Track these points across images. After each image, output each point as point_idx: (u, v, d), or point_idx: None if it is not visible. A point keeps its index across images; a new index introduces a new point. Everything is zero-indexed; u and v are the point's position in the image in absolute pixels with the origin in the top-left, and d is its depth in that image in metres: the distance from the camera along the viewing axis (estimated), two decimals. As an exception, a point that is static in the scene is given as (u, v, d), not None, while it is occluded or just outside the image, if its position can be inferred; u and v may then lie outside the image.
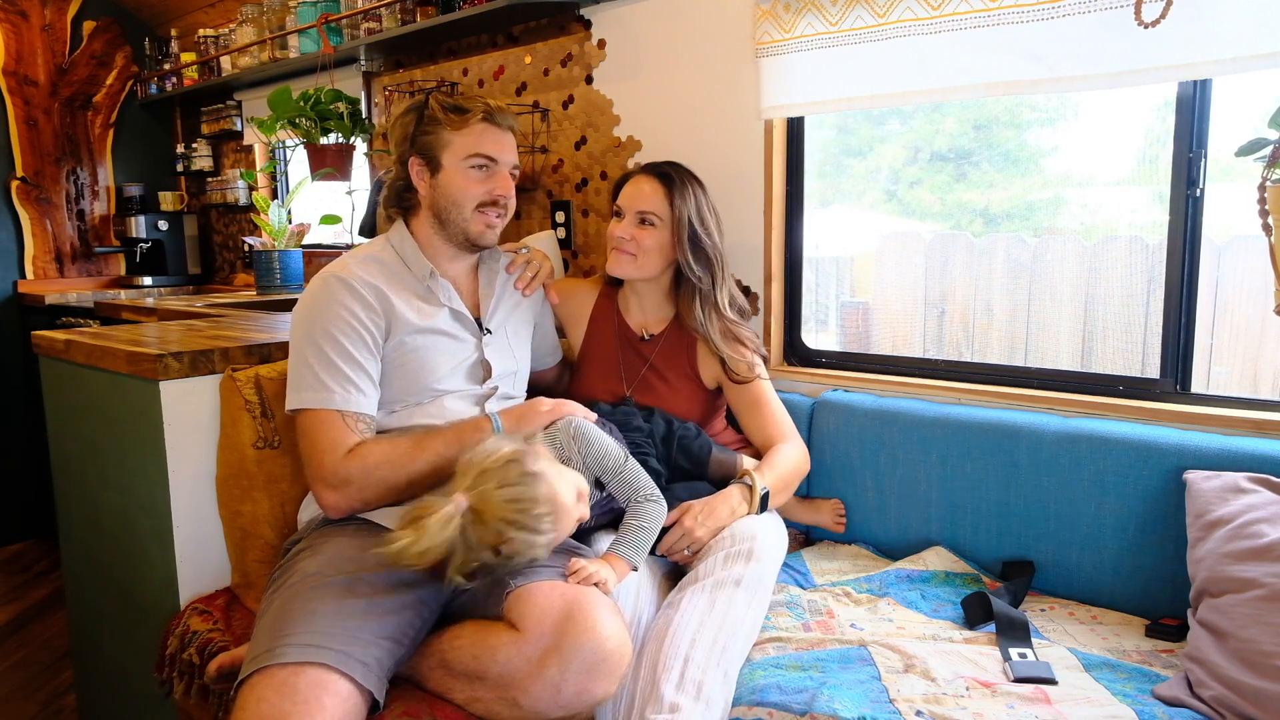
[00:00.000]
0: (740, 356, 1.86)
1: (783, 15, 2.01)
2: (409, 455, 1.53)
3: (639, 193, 1.85)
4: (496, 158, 1.67)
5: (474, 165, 1.66)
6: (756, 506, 1.69)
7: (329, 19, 2.96)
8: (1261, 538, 1.37)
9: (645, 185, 1.85)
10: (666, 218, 1.83)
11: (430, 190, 1.69)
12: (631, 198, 1.86)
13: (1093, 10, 1.60)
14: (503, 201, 1.69)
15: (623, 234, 1.84)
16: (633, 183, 1.88)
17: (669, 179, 1.85)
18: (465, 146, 1.65)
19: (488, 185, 1.67)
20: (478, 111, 1.65)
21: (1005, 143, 2.16)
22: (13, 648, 2.96)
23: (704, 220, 1.85)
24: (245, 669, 1.27)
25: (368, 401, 1.56)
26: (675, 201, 1.83)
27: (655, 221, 1.83)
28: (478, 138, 1.65)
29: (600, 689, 1.28)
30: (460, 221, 1.67)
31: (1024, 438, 1.74)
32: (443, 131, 1.65)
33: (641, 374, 1.91)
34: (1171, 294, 1.72)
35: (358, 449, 1.52)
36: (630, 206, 1.85)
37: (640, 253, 1.84)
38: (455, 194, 1.66)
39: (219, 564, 1.81)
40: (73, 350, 1.94)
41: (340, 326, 1.56)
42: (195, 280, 4.28)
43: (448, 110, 1.66)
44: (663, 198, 1.83)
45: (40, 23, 3.93)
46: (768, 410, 1.88)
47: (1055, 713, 1.27)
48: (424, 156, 1.68)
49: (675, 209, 1.83)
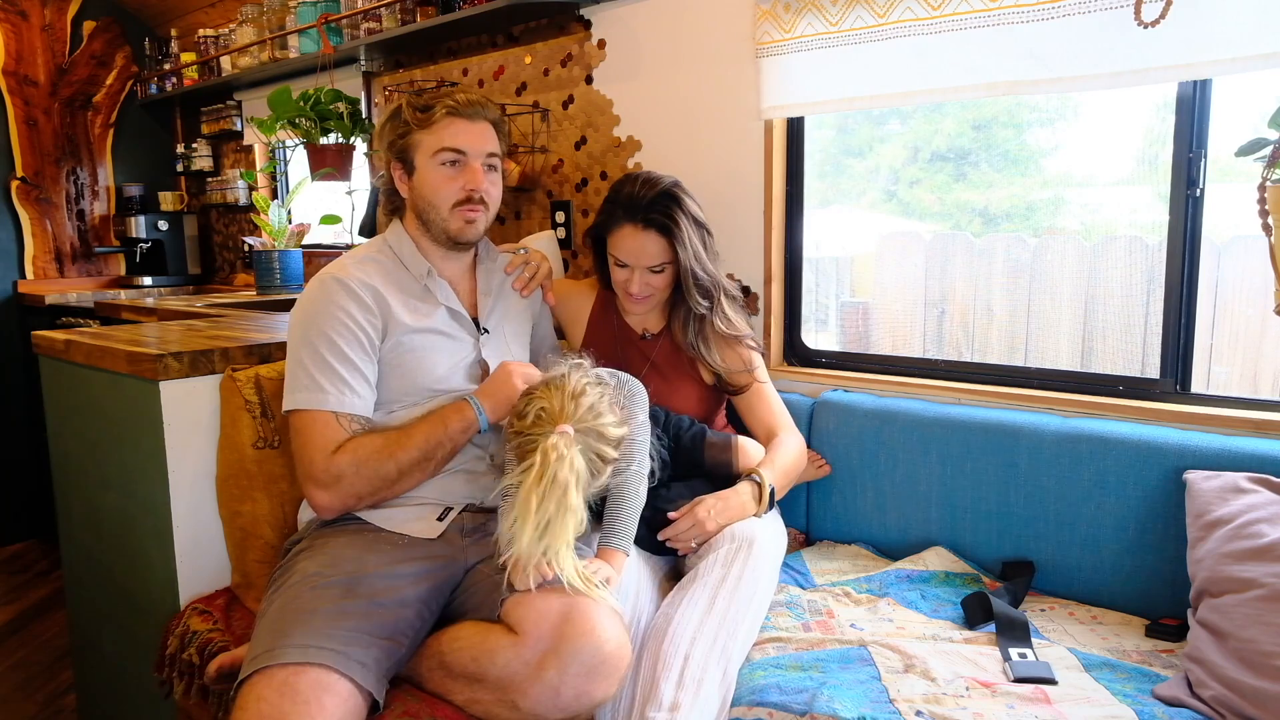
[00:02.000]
0: (737, 368, 1.87)
1: (783, 15, 2.01)
2: (397, 443, 1.52)
3: (643, 251, 1.79)
4: (465, 150, 1.63)
5: (443, 162, 1.63)
6: (766, 505, 1.70)
7: (329, 19, 2.96)
8: (1261, 538, 1.37)
9: (648, 243, 1.78)
10: (671, 260, 1.80)
11: (410, 193, 1.68)
12: (636, 254, 1.79)
13: (1093, 10, 1.60)
14: (476, 196, 1.65)
15: (638, 289, 1.81)
16: (632, 240, 1.79)
17: (668, 230, 1.77)
18: (432, 144, 1.63)
19: (459, 181, 1.63)
20: (441, 107, 1.62)
21: (1005, 143, 2.16)
22: (13, 648, 2.97)
23: (701, 256, 1.81)
24: (245, 669, 1.27)
25: (362, 403, 1.56)
26: (679, 251, 1.77)
27: (663, 267, 1.81)
28: (443, 133, 1.62)
29: (599, 691, 1.28)
30: (439, 221, 1.66)
31: (1024, 438, 1.74)
32: (413, 133, 1.64)
33: (643, 373, 1.91)
34: (1171, 294, 1.72)
35: (347, 444, 1.51)
36: (637, 264, 1.80)
37: (656, 293, 1.84)
38: (429, 194, 1.65)
39: (219, 564, 1.81)
40: (73, 350, 1.94)
41: (336, 328, 1.56)
42: (195, 280, 4.28)
43: (415, 109, 1.64)
44: (666, 248, 1.78)
45: (40, 23, 3.93)
46: (766, 404, 1.89)
47: (1055, 713, 1.27)
48: (401, 160, 1.68)
49: (680, 258, 1.78)
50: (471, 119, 1.64)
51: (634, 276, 1.81)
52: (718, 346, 1.87)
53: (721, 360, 1.86)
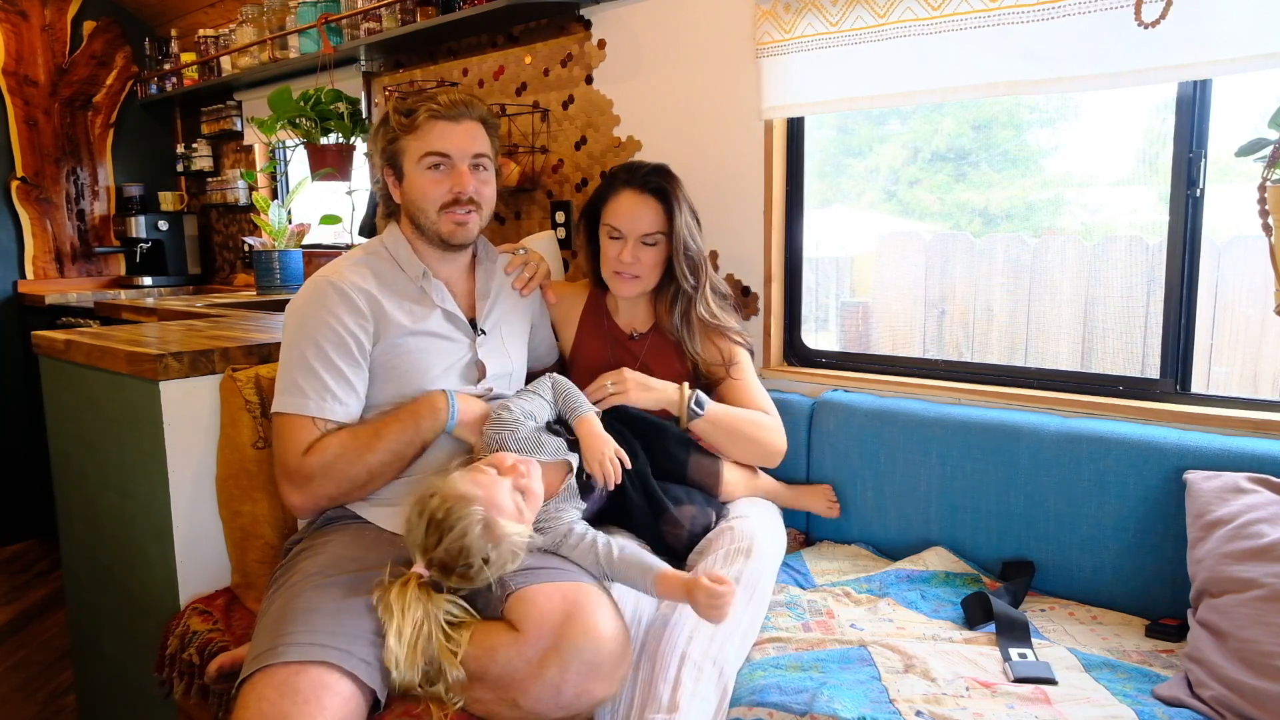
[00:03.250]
0: (714, 360, 1.88)
1: (783, 15, 2.01)
2: (366, 444, 1.53)
3: (641, 216, 1.81)
4: (449, 152, 1.62)
5: (429, 165, 1.63)
6: (685, 405, 1.75)
7: (329, 19, 2.96)
8: (1261, 538, 1.37)
9: (645, 209, 1.81)
10: (666, 234, 1.82)
11: (402, 198, 1.68)
12: (633, 220, 1.81)
13: (1093, 10, 1.60)
14: (464, 198, 1.64)
15: (630, 259, 1.81)
16: (629, 203, 1.82)
17: (665, 195, 1.81)
18: (418, 148, 1.63)
19: (445, 184, 1.63)
20: (424, 110, 1.61)
21: (1005, 143, 2.16)
22: (13, 648, 2.96)
23: (692, 229, 1.84)
24: (247, 668, 1.27)
25: (343, 409, 1.56)
26: (674, 219, 1.81)
27: (657, 240, 1.82)
28: (427, 136, 1.62)
29: (600, 690, 1.28)
30: (430, 225, 1.66)
31: (1024, 438, 1.74)
32: (400, 138, 1.64)
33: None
34: (1171, 294, 1.72)
35: (316, 444, 1.52)
36: (633, 230, 1.81)
37: (645, 273, 1.84)
38: (418, 199, 1.64)
39: (219, 564, 1.81)
40: (73, 350, 1.94)
41: (325, 334, 1.56)
42: (195, 280, 4.28)
43: (400, 114, 1.64)
44: (662, 217, 1.81)
45: (40, 23, 3.93)
46: (746, 392, 1.88)
47: (1055, 713, 1.27)
48: (391, 166, 1.68)
49: (674, 226, 1.81)
50: (456, 120, 1.63)
51: (627, 247, 1.81)
52: (701, 335, 1.88)
53: (701, 350, 1.88)
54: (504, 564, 1.34)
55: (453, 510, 1.32)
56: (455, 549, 1.30)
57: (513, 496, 1.38)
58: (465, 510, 1.31)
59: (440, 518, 1.31)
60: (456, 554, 1.30)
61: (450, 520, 1.31)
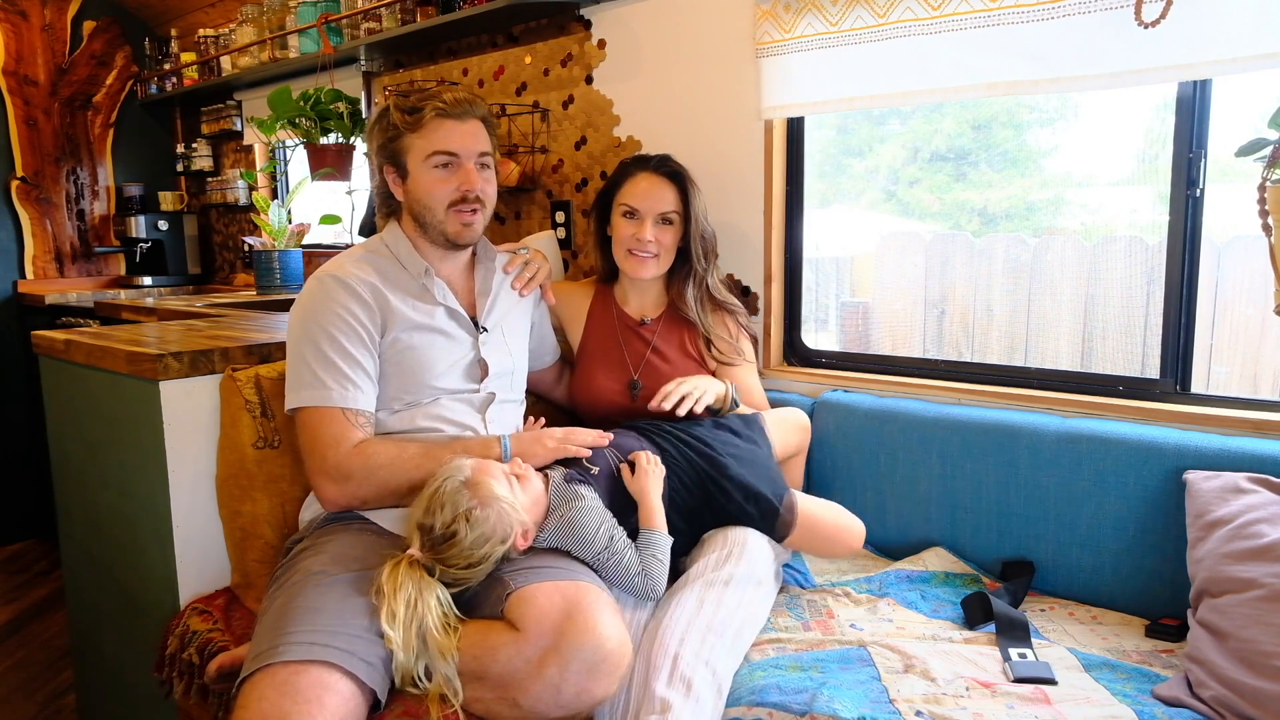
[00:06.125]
0: (724, 335, 1.97)
1: (783, 15, 2.01)
2: (414, 462, 1.53)
3: (660, 196, 1.89)
4: (457, 152, 1.63)
5: (436, 165, 1.63)
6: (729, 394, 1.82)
7: (329, 19, 2.96)
8: (1261, 538, 1.37)
9: (664, 189, 1.90)
10: (682, 215, 1.91)
11: (405, 196, 1.68)
12: (651, 200, 1.89)
13: (1093, 10, 1.60)
14: (471, 196, 1.64)
15: (648, 237, 1.88)
16: (646, 184, 1.90)
17: (681, 178, 1.91)
18: (424, 147, 1.63)
19: (453, 183, 1.63)
20: (430, 109, 1.61)
21: (1004, 143, 2.16)
22: (13, 648, 2.96)
23: (705, 214, 1.94)
24: (247, 667, 1.27)
25: (365, 398, 1.57)
26: (690, 201, 1.90)
27: (674, 219, 1.90)
28: (433, 135, 1.62)
29: (600, 689, 1.28)
30: (436, 224, 1.66)
31: (1024, 438, 1.74)
32: (404, 136, 1.64)
33: (645, 357, 1.95)
34: (1171, 294, 1.72)
35: (363, 446, 1.53)
36: (650, 210, 1.88)
37: (662, 252, 1.92)
38: (424, 198, 1.65)
39: (219, 564, 1.81)
40: (72, 350, 1.94)
41: (337, 324, 1.56)
42: (195, 280, 4.28)
43: (403, 113, 1.63)
44: (679, 197, 1.90)
45: (40, 23, 3.93)
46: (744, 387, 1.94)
47: (1055, 713, 1.27)
48: (394, 164, 1.67)
49: (691, 208, 1.90)
50: (461, 119, 1.63)
51: (645, 225, 1.88)
52: (711, 312, 1.98)
53: (713, 325, 1.97)
54: (493, 538, 1.36)
55: (441, 472, 1.41)
56: (439, 503, 1.36)
57: (507, 476, 1.44)
58: (453, 468, 1.41)
59: (434, 487, 1.40)
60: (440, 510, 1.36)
61: (438, 480, 1.40)
